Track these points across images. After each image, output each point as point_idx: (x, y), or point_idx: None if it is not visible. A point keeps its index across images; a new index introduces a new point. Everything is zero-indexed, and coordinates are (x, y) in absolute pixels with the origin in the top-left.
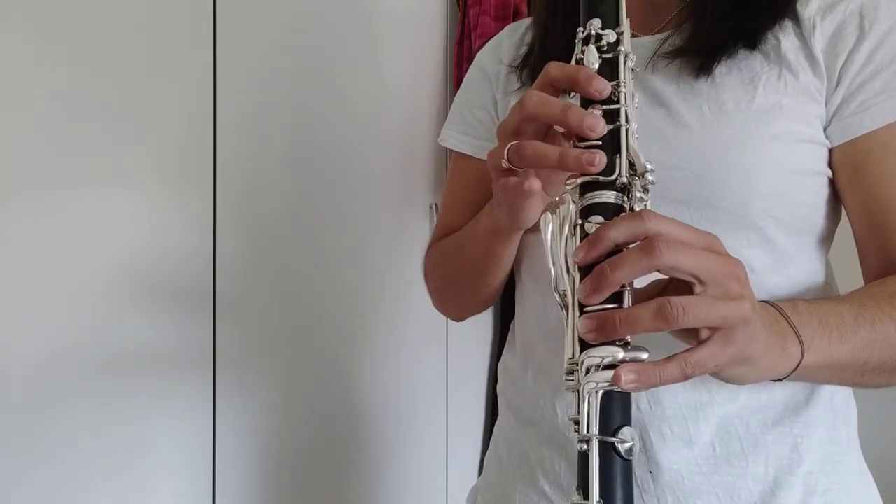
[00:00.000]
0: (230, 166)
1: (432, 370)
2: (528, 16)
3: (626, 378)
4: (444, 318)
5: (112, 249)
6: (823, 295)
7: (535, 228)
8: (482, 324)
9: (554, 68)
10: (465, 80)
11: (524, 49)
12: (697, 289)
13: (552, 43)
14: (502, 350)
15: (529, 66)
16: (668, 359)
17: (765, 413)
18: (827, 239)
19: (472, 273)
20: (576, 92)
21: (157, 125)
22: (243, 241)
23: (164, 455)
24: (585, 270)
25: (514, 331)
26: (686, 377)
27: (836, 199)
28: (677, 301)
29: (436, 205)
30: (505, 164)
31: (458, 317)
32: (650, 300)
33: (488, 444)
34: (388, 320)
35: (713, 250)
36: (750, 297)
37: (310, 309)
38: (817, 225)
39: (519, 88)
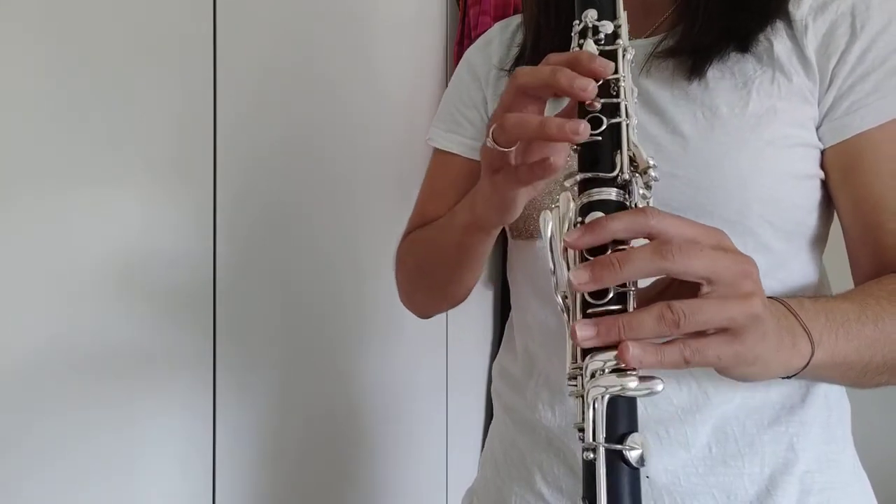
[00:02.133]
0: (230, 167)
1: (432, 370)
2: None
3: (632, 353)
4: (444, 318)
5: (110, 249)
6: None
7: (526, 234)
8: (482, 324)
9: (552, 56)
10: (454, 77)
11: (515, 50)
12: (705, 288)
13: (545, 44)
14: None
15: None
16: (670, 341)
17: (761, 413)
18: (821, 241)
19: (446, 268)
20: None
21: (157, 125)
22: (243, 241)
23: (163, 456)
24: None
25: (513, 334)
26: (686, 362)
27: (829, 200)
28: (678, 305)
29: None
30: (489, 142)
31: (424, 313)
32: (651, 305)
33: None
34: (388, 321)
35: (723, 248)
36: (761, 294)
37: (309, 310)
38: (811, 228)
39: None
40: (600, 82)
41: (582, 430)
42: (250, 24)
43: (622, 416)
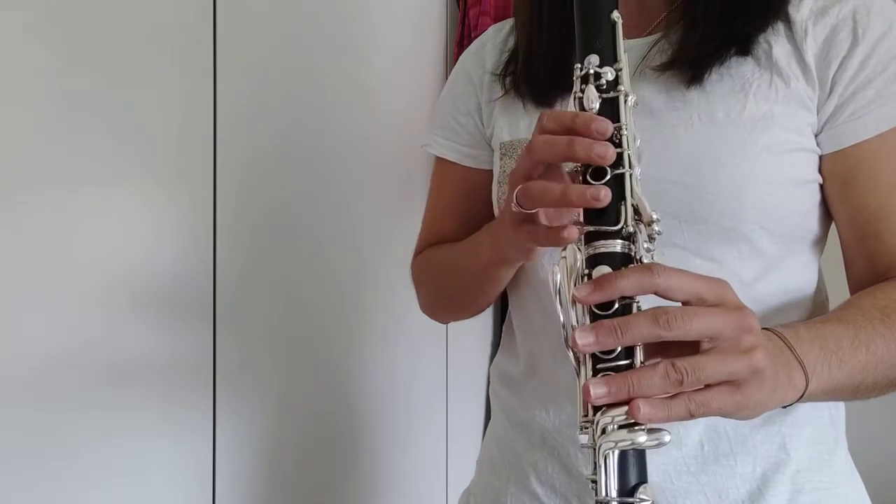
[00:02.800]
0: (230, 168)
1: (432, 371)
2: None
3: (644, 410)
4: None
5: (110, 250)
6: (814, 300)
7: None
8: (482, 324)
9: (548, 120)
10: (449, 80)
11: (507, 55)
12: (707, 345)
13: (537, 55)
14: None
15: (512, 74)
16: (675, 396)
17: None
18: (819, 243)
19: (470, 292)
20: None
21: (157, 126)
22: (243, 243)
23: (163, 461)
24: (594, 321)
25: (514, 337)
26: (691, 415)
27: (827, 204)
28: (682, 364)
29: None
30: (515, 207)
31: (445, 321)
32: (657, 363)
33: None
34: (388, 321)
35: (723, 302)
36: (762, 345)
37: (309, 311)
38: (810, 231)
39: (502, 96)
40: None
41: (595, 482)
42: (250, 24)
43: (632, 468)
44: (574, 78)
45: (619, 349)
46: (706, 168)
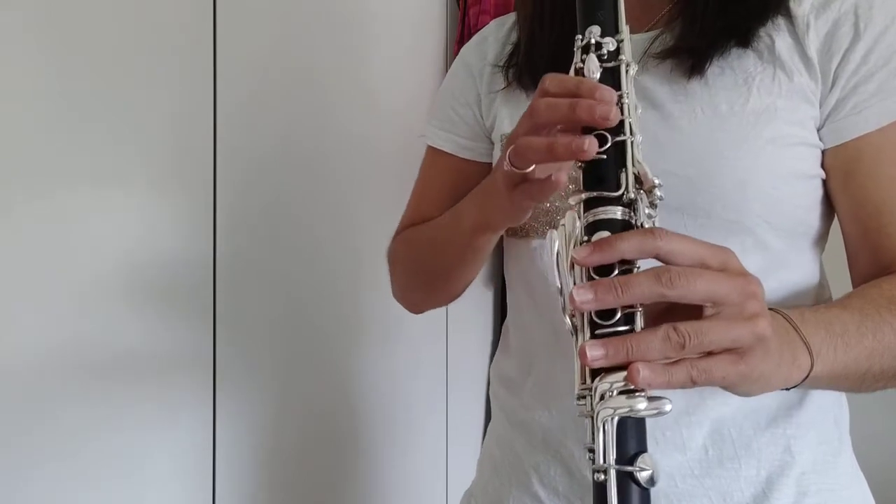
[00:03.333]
0: (230, 168)
1: (432, 371)
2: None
3: (643, 374)
4: (444, 318)
5: (111, 250)
6: (816, 297)
7: (522, 233)
8: (482, 324)
9: (551, 83)
10: (449, 74)
11: (510, 47)
12: (710, 310)
13: (539, 48)
14: None
15: (515, 66)
16: (678, 361)
17: (758, 415)
18: (821, 240)
19: (448, 266)
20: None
21: (157, 126)
22: (243, 243)
23: (163, 457)
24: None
25: (509, 335)
26: (693, 382)
27: (829, 199)
28: (684, 327)
29: None
30: (507, 167)
31: (418, 309)
32: (658, 326)
33: None
34: (388, 321)
35: (728, 269)
36: (766, 314)
37: (309, 310)
38: (812, 227)
39: (504, 87)
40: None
41: (592, 451)
42: (250, 23)
43: (632, 436)
44: (575, 49)
45: (619, 315)
46: (710, 160)
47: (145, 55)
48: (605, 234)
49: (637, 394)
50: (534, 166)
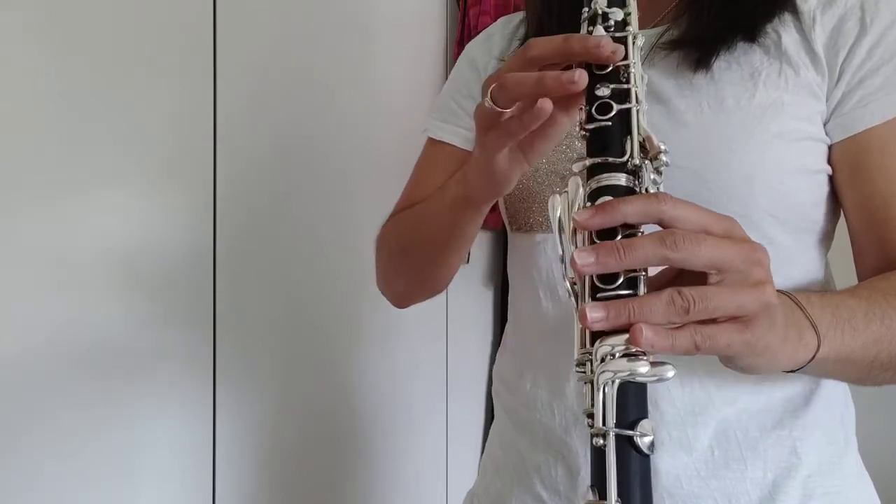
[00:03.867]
0: (230, 167)
1: (432, 371)
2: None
3: (645, 335)
4: (444, 318)
5: (111, 249)
6: None
7: (526, 227)
8: (482, 324)
9: (554, 38)
10: (453, 71)
11: (517, 43)
12: (714, 277)
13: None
14: None
15: None
16: (681, 326)
17: (763, 416)
18: (827, 237)
19: (431, 247)
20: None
21: (157, 125)
22: (243, 243)
23: (163, 456)
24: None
25: (508, 334)
26: (697, 348)
27: (836, 196)
28: (689, 291)
29: None
30: (487, 102)
31: (401, 302)
32: (662, 290)
33: None
34: (388, 320)
35: (732, 236)
36: (772, 282)
37: (309, 309)
38: (818, 223)
39: None
40: (610, 68)
41: (591, 415)
42: (250, 24)
43: (632, 401)
44: (581, 21)
45: (622, 279)
46: (716, 154)
47: (145, 55)
48: (609, 199)
49: (639, 358)
50: (514, 107)
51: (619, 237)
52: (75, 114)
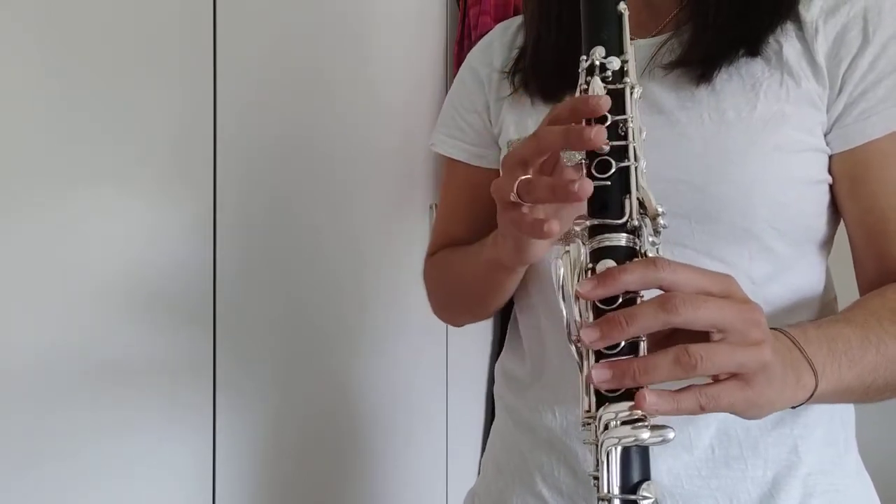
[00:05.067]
0: (230, 168)
1: (432, 371)
2: None
3: (650, 400)
4: None
5: (110, 252)
6: (822, 301)
7: None
8: (482, 324)
9: (554, 109)
10: (456, 80)
11: (515, 52)
12: (716, 336)
13: (545, 47)
14: (501, 351)
15: (521, 71)
16: (685, 389)
17: None
18: (827, 244)
19: (473, 299)
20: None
21: (157, 126)
22: (243, 243)
23: (163, 459)
24: (598, 315)
25: (519, 336)
26: (701, 409)
27: (836, 204)
28: (696, 349)
29: (435, 205)
30: (513, 197)
31: (457, 324)
32: (667, 349)
33: None
34: (388, 321)
35: (730, 296)
36: (769, 341)
37: (310, 311)
38: (819, 231)
39: (511, 94)
40: (609, 122)
41: (597, 478)
42: (250, 24)
43: (635, 465)
44: (579, 70)
45: (623, 344)
46: (717, 166)
47: (145, 55)
48: (610, 262)
49: (640, 423)
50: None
51: (620, 300)
52: (74, 114)
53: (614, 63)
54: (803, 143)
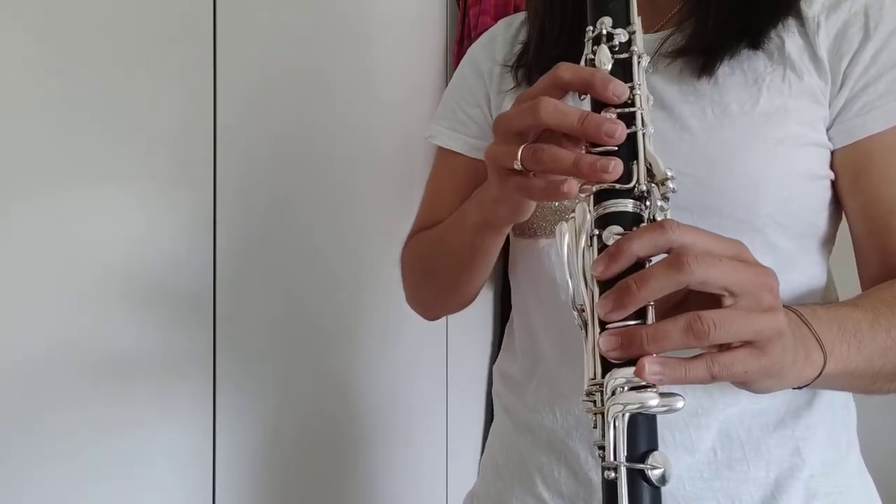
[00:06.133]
0: (230, 168)
1: (432, 371)
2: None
3: (651, 369)
4: (444, 318)
5: (110, 251)
6: (823, 298)
7: (529, 233)
8: (482, 324)
9: (565, 70)
10: (456, 74)
11: (519, 47)
12: (728, 301)
13: (549, 44)
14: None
15: (525, 66)
16: (695, 357)
17: (766, 417)
18: (829, 242)
19: (456, 268)
20: (588, 95)
21: (157, 125)
22: (243, 243)
23: (163, 458)
24: (605, 284)
25: (514, 335)
26: (713, 378)
27: (838, 201)
28: (708, 316)
29: None
30: (518, 166)
31: (431, 315)
32: (678, 315)
33: None
34: (388, 321)
35: (742, 259)
36: (781, 307)
37: (309, 311)
38: (820, 228)
39: (513, 88)
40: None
41: (602, 448)
42: (250, 24)
43: (643, 433)
44: (585, 40)
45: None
46: (719, 160)
47: (145, 55)
48: (617, 228)
49: (648, 389)
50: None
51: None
52: (75, 113)
53: (622, 34)
54: (805, 138)
